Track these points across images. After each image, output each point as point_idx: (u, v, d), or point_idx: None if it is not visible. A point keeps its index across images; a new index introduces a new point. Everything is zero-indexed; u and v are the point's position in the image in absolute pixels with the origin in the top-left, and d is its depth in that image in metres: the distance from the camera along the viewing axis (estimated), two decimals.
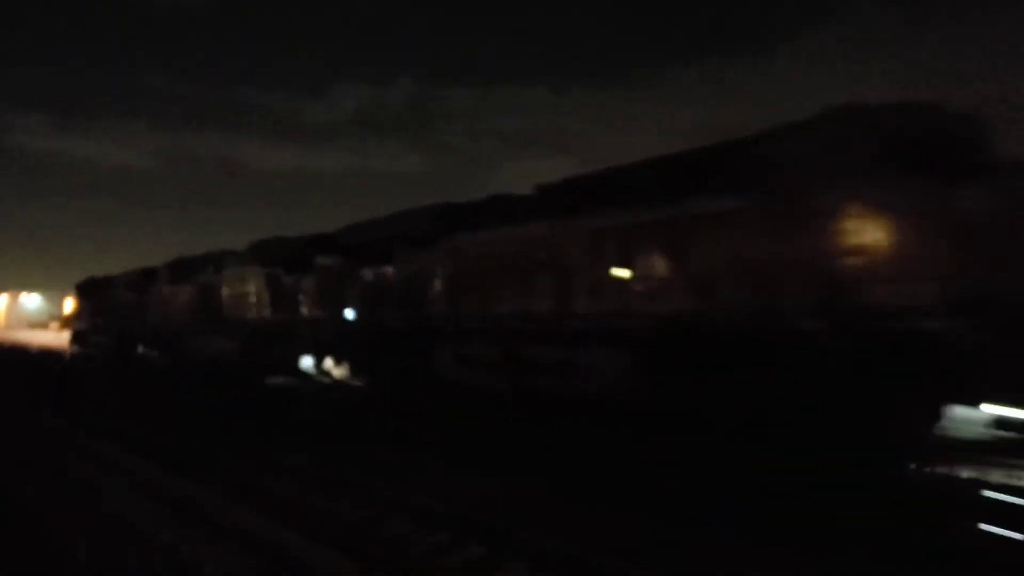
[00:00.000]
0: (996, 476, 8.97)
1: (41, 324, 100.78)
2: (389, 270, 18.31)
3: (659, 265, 12.20)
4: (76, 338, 40.73)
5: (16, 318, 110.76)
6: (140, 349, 32.29)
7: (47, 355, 41.76)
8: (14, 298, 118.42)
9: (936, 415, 9.21)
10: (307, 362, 21.38)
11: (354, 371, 19.77)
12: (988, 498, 8.28)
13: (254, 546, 7.20)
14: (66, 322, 51.52)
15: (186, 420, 16.18)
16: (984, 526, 7.55)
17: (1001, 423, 8.64)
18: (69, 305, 51.56)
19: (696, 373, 11.16)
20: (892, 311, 9.27)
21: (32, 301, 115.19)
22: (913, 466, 9.43)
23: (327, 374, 20.80)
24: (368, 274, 18.90)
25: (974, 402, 8.79)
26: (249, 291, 23.84)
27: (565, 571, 6.48)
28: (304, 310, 21.18)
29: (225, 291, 25.14)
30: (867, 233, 9.67)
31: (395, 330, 17.77)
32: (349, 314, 19.47)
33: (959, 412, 9.13)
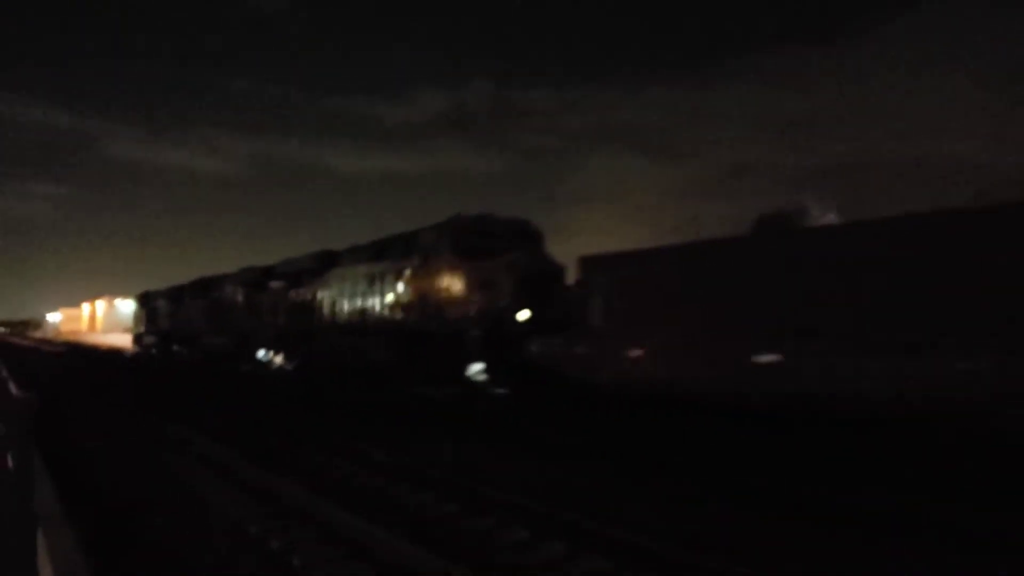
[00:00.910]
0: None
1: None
2: (302, 291, 28.73)
3: (394, 294, 22.32)
4: (135, 340, 53.16)
5: (112, 322, 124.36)
6: (175, 347, 43.99)
7: (118, 354, 54.06)
8: (110, 303, 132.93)
9: (466, 367, 19.13)
10: (261, 353, 32.18)
11: (286, 359, 30.38)
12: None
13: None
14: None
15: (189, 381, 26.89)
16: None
17: (480, 371, 18.57)
18: None
19: (412, 350, 21.21)
20: (454, 322, 19.27)
21: (127, 306, 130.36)
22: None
23: (271, 362, 31.55)
24: (293, 294, 29.37)
25: (475, 361, 18.75)
26: (238, 304, 34.81)
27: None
28: (264, 318, 31.91)
29: (222, 304, 36.31)
30: (447, 282, 19.67)
31: (302, 331, 28.24)
32: (284, 321, 30.00)
33: (472, 367, 19.02)
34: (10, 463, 5.94)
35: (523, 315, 18.48)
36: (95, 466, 11.27)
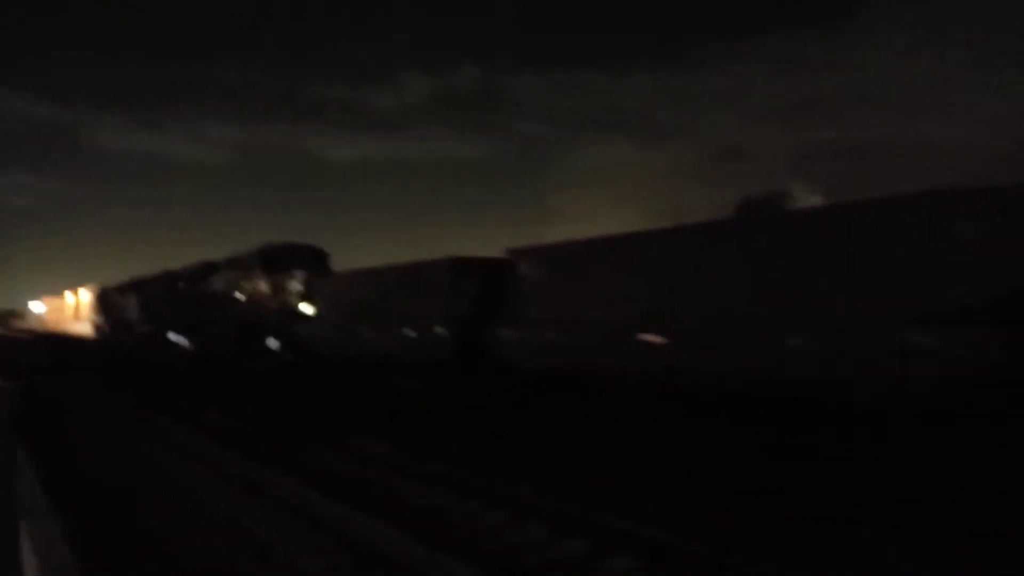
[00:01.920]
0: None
1: None
2: (195, 290, 40.16)
3: (236, 293, 33.90)
4: (94, 328, 65.02)
5: None
6: (118, 333, 55.68)
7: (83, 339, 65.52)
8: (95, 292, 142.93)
9: (266, 340, 30.79)
10: (172, 336, 43.81)
11: (188, 341, 41.90)
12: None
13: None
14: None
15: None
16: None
17: (275, 343, 30.30)
18: None
19: (243, 330, 32.87)
20: (261, 313, 30.99)
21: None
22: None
23: (179, 343, 43.15)
24: (191, 292, 40.79)
25: (267, 335, 30.45)
26: (158, 299, 46.33)
27: None
28: (174, 309, 43.38)
29: (150, 299, 47.88)
30: (258, 287, 31.37)
31: (196, 320, 39.74)
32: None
33: (270, 340, 30.66)
34: None
35: (308, 309, 30.06)
36: (70, 438, 12.65)
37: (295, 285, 30.41)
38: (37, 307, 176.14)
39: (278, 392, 22.63)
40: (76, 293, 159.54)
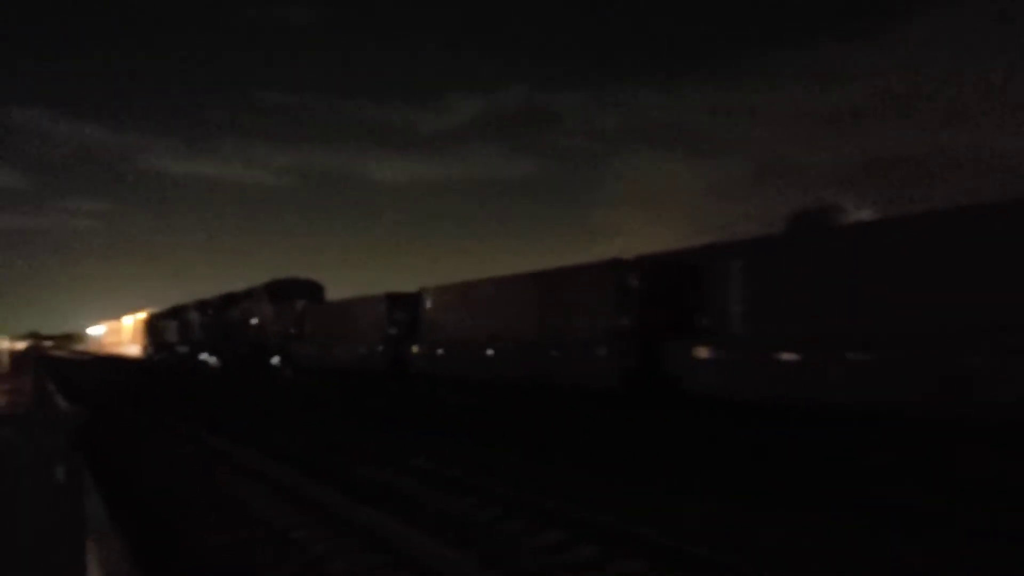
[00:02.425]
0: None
1: None
2: (220, 317, 47.81)
3: (252, 319, 41.35)
4: (143, 350, 73.56)
5: None
6: (160, 355, 63.82)
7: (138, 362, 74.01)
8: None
9: (270, 358, 38.09)
10: (203, 355, 51.54)
11: (217, 359, 49.53)
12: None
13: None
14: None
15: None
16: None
17: (277, 361, 37.60)
18: None
19: (255, 350, 40.27)
20: (267, 335, 38.37)
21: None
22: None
23: (208, 361, 50.84)
24: (218, 319, 48.48)
25: (275, 356, 37.78)
26: (192, 324, 54.23)
27: None
28: (205, 333, 51.15)
29: (185, 324, 55.78)
30: (265, 314, 38.76)
31: (222, 342, 47.34)
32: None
33: (273, 358, 37.97)
34: (59, 475, 5.95)
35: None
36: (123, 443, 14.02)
37: (293, 312, 37.70)
38: (95, 330, 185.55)
39: (288, 400, 29.66)
40: (133, 317, 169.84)
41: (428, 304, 24.35)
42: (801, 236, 13.37)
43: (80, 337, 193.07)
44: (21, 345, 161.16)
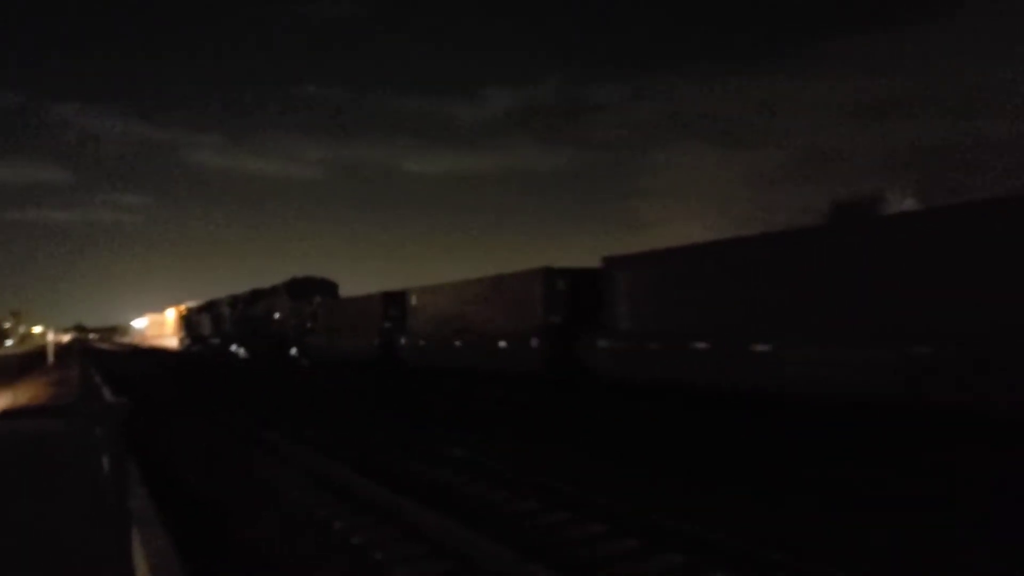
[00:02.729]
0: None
1: None
2: (248, 311, 51.86)
3: (274, 314, 45.29)
4: (180, 342, 78.37)
5: None
6: (196, 346, 68.35)
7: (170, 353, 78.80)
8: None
9: (288, 349, 41.97)
10: (233, 347, 55.69)
11: (245, 351, 53.62)
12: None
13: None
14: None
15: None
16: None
17: (294, 352, 41.44)
18: None
19: (276, 343, 44.19)
20: (286, 328, 42.25)
21: None
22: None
23: (238, 352, 54.96)
24: (247, 312, 52.56)
25: (291, 346, 41.65)
26: (224, 317, 58.47)
27: None
28: (235, 326, 55.31)
29: (217, 317, 60.07)
30: (285, 310, 42.65)
31: (251, 334, 51.40)
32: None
33: (291, 349, 41.81)
34: (105, 466, 5.92)
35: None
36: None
37: (309, 308, 41.42)
38: (139, 323, 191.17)
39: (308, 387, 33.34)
40: (177, 309, 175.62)
41: (412, 302, 27.79)
42: (665, 254, 16.35)
43: (124, 329, 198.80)
44: (67, 338, 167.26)
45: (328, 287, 43.54)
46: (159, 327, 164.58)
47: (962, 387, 10.25)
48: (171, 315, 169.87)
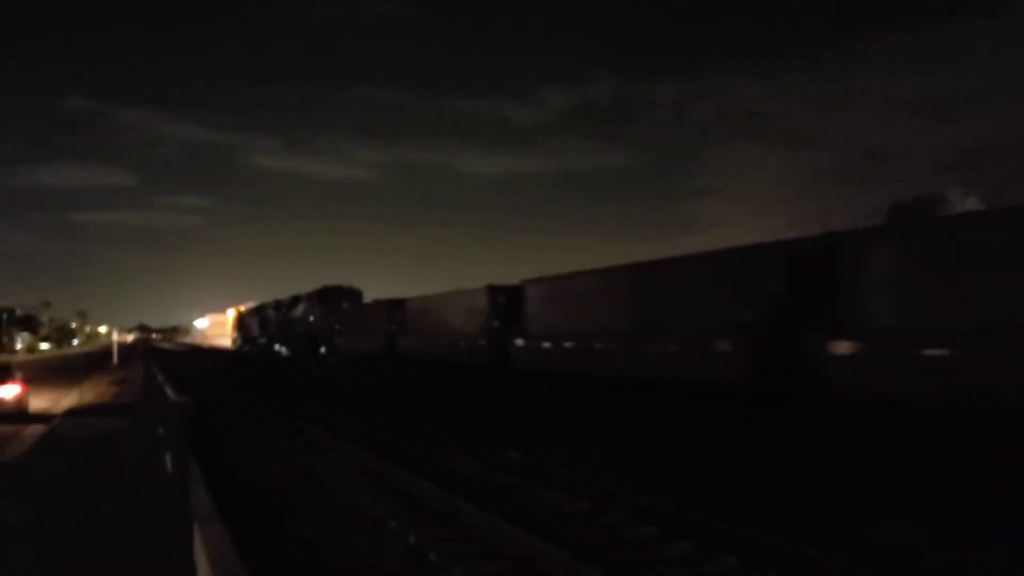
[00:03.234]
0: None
1: None
2: (289, 314, 59.16)
3: (309, 317, 52.36)
4: (233, 342, 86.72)
5: None
6: (247, 347, 76.25)
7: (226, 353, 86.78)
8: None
9: (319, 348, 48.96)
10: (276, 347, 63.10)
11: (287, 350, 60.92)
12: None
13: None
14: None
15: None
16: None
17: (324, 351, 48.48)
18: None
19: (311, 343, 51.19)
20: (318, 330, 49.29)
21: None
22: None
23: (280, 352, 62.32)
24: (287, 315, 59.85)
25: (320, 346, 48.67)
26: (270, 320, 66.07)
27: None
28: (278, 328, 62.76)
29: (263, 320, 67.69)
30: (317, 314, 49.73)
31: (290, 336, 58.65)
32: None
33: (322, 348, 48.77)
34: (168, 463, 6.04)
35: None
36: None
37: (337, 313, 48.25)
38: (200, 323, 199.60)
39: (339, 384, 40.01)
40: (236, 310, 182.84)
41: (409, 310, 34.59)
42: (554, 277, 22.52)
43: (186, 329, 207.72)
44: (130, 337, 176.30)
45: (354, 295, 50.38)
46: (219, 327, 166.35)
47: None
48: (231, 315, 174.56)
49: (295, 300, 58.57)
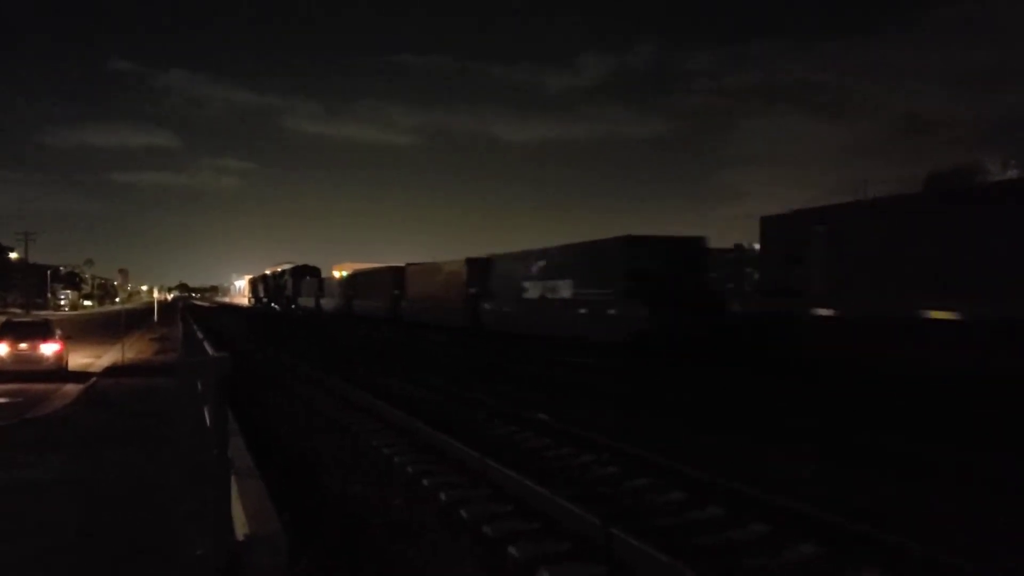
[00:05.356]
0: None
1: None
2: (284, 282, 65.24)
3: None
4: (249, 301, 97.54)
5: None
6: (260, 305, 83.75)
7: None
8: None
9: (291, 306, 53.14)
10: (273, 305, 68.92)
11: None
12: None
13: None
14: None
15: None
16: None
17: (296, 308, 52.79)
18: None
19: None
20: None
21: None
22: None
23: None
24: (283, 282, 65.49)
25: (293, 304, 52.87)
26: (269, 286, 72.55)
27: None
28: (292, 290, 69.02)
29: (268, 286, 73.78)
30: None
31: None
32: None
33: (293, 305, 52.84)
34: (207, 417, 6.22)
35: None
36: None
37: (300, 282, 58.34)
38: (239, 283, 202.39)
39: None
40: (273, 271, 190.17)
41: (409, 275, 38.63)
42: (508, 255, 27.07)
43: (225, 290, 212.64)
44: (170, 296, 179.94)
45: (314, 271, 69.18)
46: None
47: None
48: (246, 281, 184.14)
49: (282, 273, 77.35)
